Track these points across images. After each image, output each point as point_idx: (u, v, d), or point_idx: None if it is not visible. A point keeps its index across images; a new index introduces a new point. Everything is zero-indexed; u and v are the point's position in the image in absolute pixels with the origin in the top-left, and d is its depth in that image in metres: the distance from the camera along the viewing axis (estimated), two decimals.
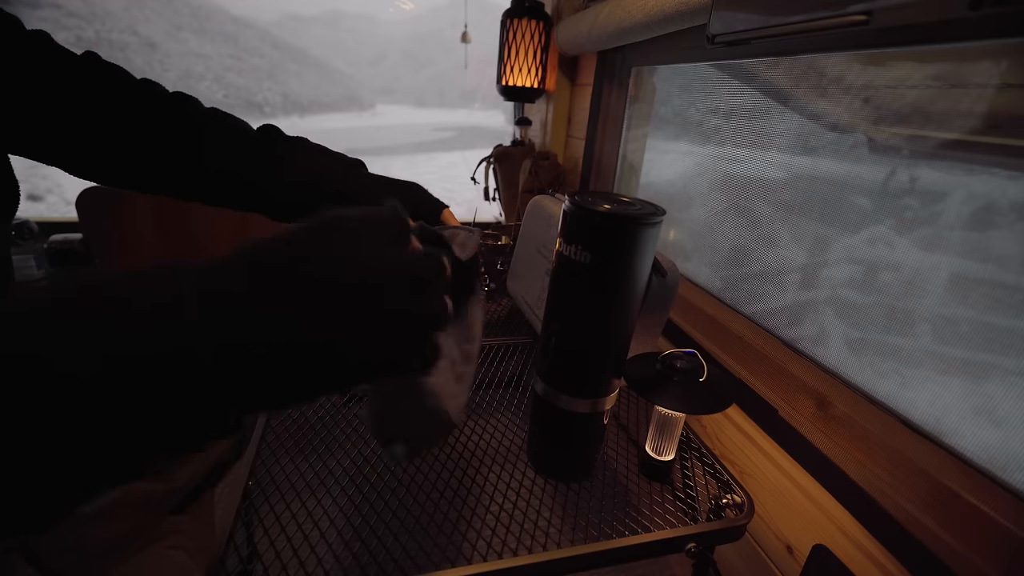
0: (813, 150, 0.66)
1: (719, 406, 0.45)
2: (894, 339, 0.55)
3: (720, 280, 0.86)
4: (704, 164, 0.93)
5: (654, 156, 1.09)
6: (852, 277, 0.61)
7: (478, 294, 0.37)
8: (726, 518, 0.47)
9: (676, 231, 1.00)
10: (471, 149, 13.97)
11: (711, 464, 0.53)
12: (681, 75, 0.99)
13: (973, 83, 0.46)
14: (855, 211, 0.60)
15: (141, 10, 33.57)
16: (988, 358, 0.46)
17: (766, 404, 0.67)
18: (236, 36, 37.05)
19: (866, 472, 0.53)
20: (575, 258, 0.41)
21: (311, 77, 42.60)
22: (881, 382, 0.56)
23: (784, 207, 0.72)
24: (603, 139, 1.21)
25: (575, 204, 0.40)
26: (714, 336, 0.80)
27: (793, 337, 0.68)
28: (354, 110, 40.65)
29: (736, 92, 0.82)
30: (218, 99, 29.10)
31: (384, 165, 18.64)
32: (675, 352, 0.49)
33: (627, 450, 0.56)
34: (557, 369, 0.46)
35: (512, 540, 0.43)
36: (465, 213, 1.77)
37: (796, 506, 0.60)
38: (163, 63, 28.93)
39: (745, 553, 0.68)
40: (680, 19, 0.74)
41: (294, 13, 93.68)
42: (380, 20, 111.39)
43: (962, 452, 0.47)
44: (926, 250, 0.52)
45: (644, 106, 1.11)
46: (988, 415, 0.46)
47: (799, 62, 0.67)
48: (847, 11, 0.43)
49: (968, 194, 0.48)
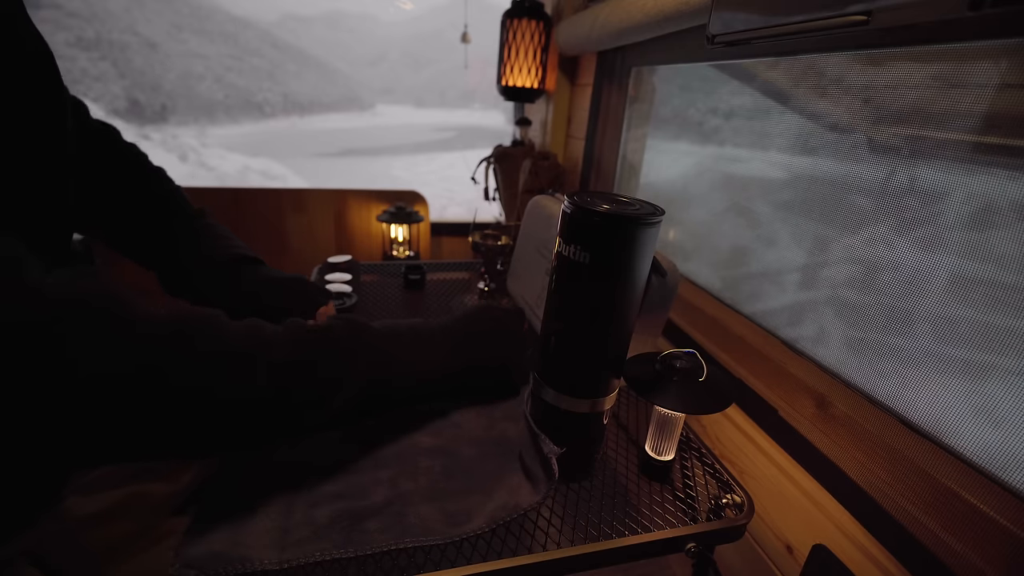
0: (813, 150, 0.66)
1: (719, 406, 0.45)
2: (894, 339, 0.55)
3: (720, 280, 0.86)
4: (704, 164, 0.93)
5: (654, 156, 1.09)
6: (852, 277, 0.61)
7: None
8: (726, 518, 0.47)
9: (676, 231, 1.00)
10: (471, 149, 13.97)
11: (711, 464, 0.53)
12: (681, 75, 0.99)
13: (973, 83, 0.46)
14: (855, 211, 0.60)
15: (141, 10, 33.58)
16: (988, 358, 0.46)
17: (766, 404, 0.67)
18: (236, 36, 37.05)
19: (866, 472, 0.53)
20: (575, 258, 0.41)
21: (311, 77, 42.61)
22: (881, 382, 0.56)
23: (784, 207, 0.72)
24: (603, 139, 1.21)
25: (575, 204, 0.40)
26: (714, 336, 0.80)
27: (793, 337, 0.68)
28: (354, 110, 40.67)
29: (736, 92, 0.82)
30: (218, 99, 29.11)
31: (384, 165, 18.56)
32: (675, 352, 0.48)
33: (627, 450, 0.56)
34: (556, 369, 0.46)
35: (512, 540, 0.43)
36: (465, 213, 1.77)
37: (796, 506, 0.60)
38: (163, 63, 28.94)
39: (745, 553, 0.68)
40: (680, 19, 0.74)
41: (294, 13, 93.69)
42: (380, 20, 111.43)
43: (962, 452, 0.47)
44: (926, 250, 0.52)
45: (644, 106, 1.11)
46: (988, 415, 0.46)
47: (799, 62, 0.67)
48: (847, 11, 0.43)
49: (968, 194, 0.48)
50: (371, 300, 0.86)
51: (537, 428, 0.49)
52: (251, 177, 12.01)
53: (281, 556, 0.39)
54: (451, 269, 1.05)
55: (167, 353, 0.34)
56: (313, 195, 1.50)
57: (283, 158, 15.77)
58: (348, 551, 0.40)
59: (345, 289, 0.81)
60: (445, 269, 1.05)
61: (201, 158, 12.71)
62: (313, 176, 14.36)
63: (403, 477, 0.48)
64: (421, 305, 0.87)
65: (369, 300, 0.86)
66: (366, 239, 1.57)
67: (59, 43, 21.01)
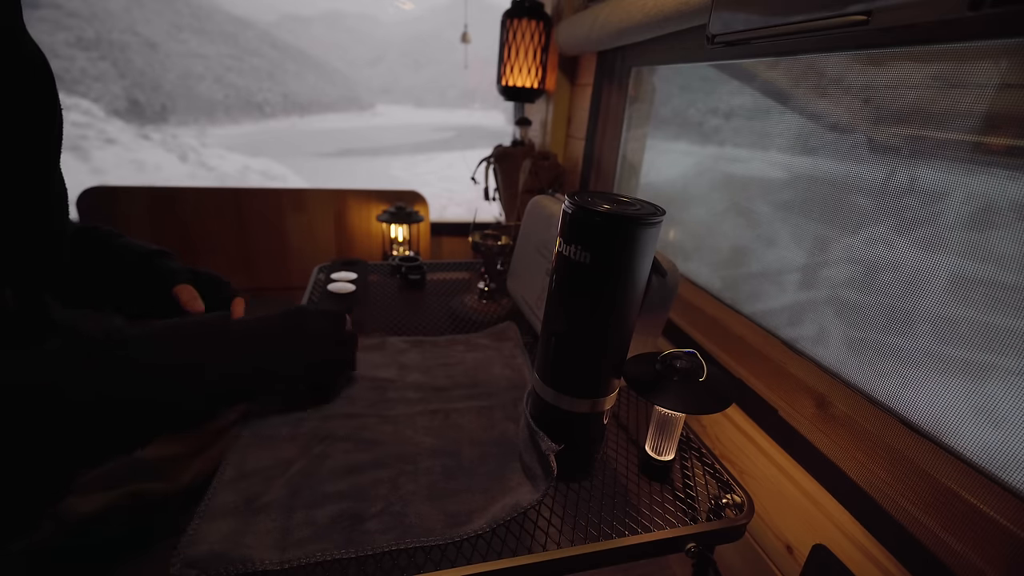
0: (813, 150, 0.66)
1: (719, 406, 0.45)
2: (894, 339, 0.55)
3: (720, 280, 0.86)
4: (704, 164, 0.93)
5: (654, 156, 1.09)
6: (852, 277, 0.61)
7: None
8: (726, 518, 0.47)
9: (676, 231, 1.00)
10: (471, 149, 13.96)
11: (711, 464, 0.53)
12: (681, 75, 0.99)
13: (973, 83, 0.46)
14: (855, 211, 0.60)
15: (141, 10, 33.56)
16: (988, 358, 0.46)
17: (766, 404, 0.67)
18: (236, 36, 37.05)
19: (866, 472, 0.53)
20: (575, 258, 0.41)
21: (311, 77, 42.59)
22: (881, 382, 0.56)
23: (784, 207, 0.72)
24: (603, 139, 1.21)
25: (575, 204, 0.40)
26: (714, 336, 0.80)
27: (793, 337, 0.68)
28: (354, 110, 40.65)
29: (736, 92, 0.82)
30: (218, 99, 29.11)
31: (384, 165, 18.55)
32: (675, 352, 0.48)
33: (627, 450, 0.56)
34: (557, 369, 0.46)
35: (512, 540, 0.43)
36: (465, 213, 1.77)
37: (796, 506, 0.60)
38: (163, 63, 28.92)
39: (745, 553, 0.68)
40: (680, 19, 0.74)
41: (294, 13, 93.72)
42: (380, 20, 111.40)
43: (962, 452, 0.47)
44: (926, 250, 0.52)
45: (644, 106, 1.11)
46: (988, 415, 0.46)
47: (799, 62, 0.67)
48: (847, 11, 0.43)
49: (968, 194, 0.48)
50: (371, 299, 0.86)
51: (536, 427, 0.49)
52: (251, 177, 12.01)
53: (282, 556, 0.39)
54: (451, 269, 1.05)
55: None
56: (313, 195, 1.50)
57: (283, 158, 15.77)
58: (349, 551, 0.40)
59: (348, 288, 0.81)
60: (445, 269, 1.05)
61: (201, 158, 12.71)
62: (313, 176, 14.35)
63: (403, 477, 0.48)
64: (421, 305, 0.87)
65: (369, 299, 0.86)
66: (366, 239, 1.58)
67: (59, 43, 20.99)
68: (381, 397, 0.60)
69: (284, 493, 0.45)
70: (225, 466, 0.47)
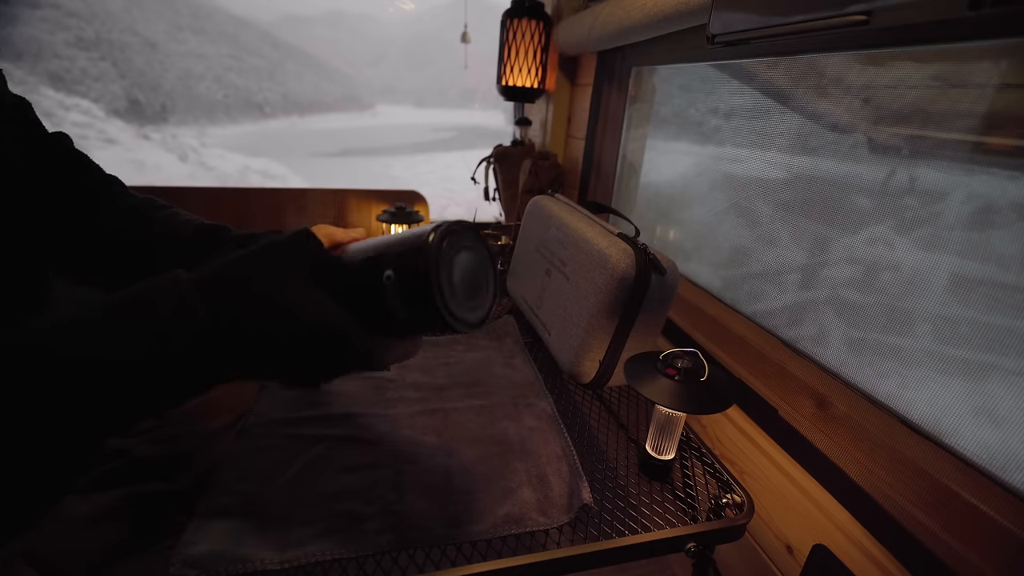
0: (813, 150, 0.66)
1: (719, 406, 0.45)
2: (894, 339, 0.55)
3: (720, 280, 0.86)
4: (704, 164, 0.93)
5: (654, 156, 1.09)
6: (852, 277, 0.61)
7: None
8: (726, 518, 0.47)
9: (676, 231, 1.00)
10: (471, 149, 13.98)
11: (711, 464, 0.53)
12: (681, 75, 0.99)
13: (973, 83, 0.46)
14: (855, 211, 0.60)
15: (141, 10, 33.57)
16: (988, 358, 0.46)
17: (766, 404, 0.67)
18: (236, 36, 37.06)
19: (866, 472, 0.53)
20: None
21: (311, 77, 42.61)
22: (881, 382, 0.56)
23: (784, 207, 0.72)
24: (603, 139, 1.21)
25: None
26: (714, 336, 0.80)
27: (793, 337, 0.68)
28: (354, 110, 40.65)
29: (736, 92, 0.82)
30: (218, 99, 29.11)
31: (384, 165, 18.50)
32: (676, 352, 0.49)
33: (627, 449, 0.56)
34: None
35: (512, 540, 0.43)
36: (465, 213, 1.77)
37: (796, 506, 0.60)
38: (163, 63, 28.92)
39: (745, 553, 0.68)
40: (680, 19, 0.74)
41: (294, 13, 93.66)
42: (380, 20, 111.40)
43: (962, 452, 0.47)
44: (926, 250, 0.52)
45: (644, 106, 1.11)
46: (988, 415, 0.46)
47: (799, 62, 0.67)
48: (847, 11, 0.43)
49: (968, 194, 0.48)
50: None
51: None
52: (251, 177, 12.01)
53: (282, 556, 0.39)
54: None
55: None
56: (313, 195, 1.50)
57: (283, 158, 15.77)
58: (348, 551, 0.40)
59: None
60: None
61: (201, 158, 12.71)
62: (313, 176, 14.37)
63: (403, 477, 0.48)
64: None
65: None
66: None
67: (59, 43, 20.95)
68: (381, 396, 0.60)
69: (284, 493, 0.45)
70: (225, 466, 0.47)
